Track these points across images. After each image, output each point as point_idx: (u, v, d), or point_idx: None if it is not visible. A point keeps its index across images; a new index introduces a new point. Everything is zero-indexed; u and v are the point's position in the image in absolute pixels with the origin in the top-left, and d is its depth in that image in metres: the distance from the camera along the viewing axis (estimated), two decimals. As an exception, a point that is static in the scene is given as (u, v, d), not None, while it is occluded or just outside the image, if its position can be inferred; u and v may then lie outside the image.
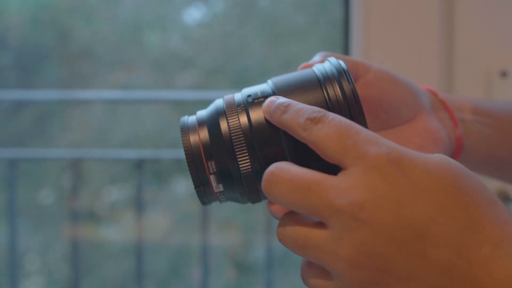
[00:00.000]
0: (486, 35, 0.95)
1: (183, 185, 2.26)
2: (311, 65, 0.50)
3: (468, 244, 0.38)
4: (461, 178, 0.39)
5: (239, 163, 0.44)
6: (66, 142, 2.21)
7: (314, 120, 0.41)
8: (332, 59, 0.47)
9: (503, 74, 0.94)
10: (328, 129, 0.40)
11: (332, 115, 0.41)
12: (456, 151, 0.58)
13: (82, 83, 2.21)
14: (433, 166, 0.39)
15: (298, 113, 0.42)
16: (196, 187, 0.46)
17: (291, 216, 0.42)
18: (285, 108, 0.43)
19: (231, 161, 0.44)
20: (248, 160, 0.44)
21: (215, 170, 0.45)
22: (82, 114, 2.22)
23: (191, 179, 0.46)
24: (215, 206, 2.05)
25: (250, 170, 0.44)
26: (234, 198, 0.47)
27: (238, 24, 2.31)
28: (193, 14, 2.38)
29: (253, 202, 0.47)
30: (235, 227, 2.16)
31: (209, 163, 0.45)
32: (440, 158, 0.40)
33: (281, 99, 0.44)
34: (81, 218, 1.86)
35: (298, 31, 2.22)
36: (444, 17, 0.95)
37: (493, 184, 0.96)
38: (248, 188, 0.45)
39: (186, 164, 0.46)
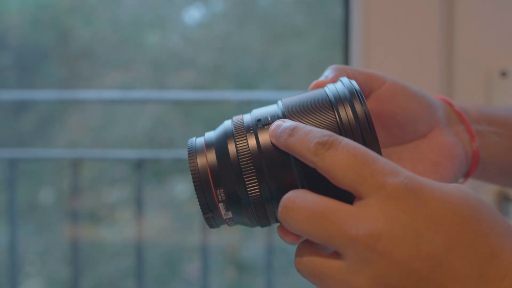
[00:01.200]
0: (486, 35, 0.95)
1: (183, 185, 2.26)
2: (322, 83, 0.48)
3: (488, 277, 0.37)
4: (479, 208, 0.38)
5: (247, 187, 0.43)
6: (66, 142, 2.21)
7: (326, 145, 0.40)
8: (345, 79, 0.45)
9: (503, 74, 0.94)
10: (342, 155, 0.39)
11: (345, 140, 0.40)
12: (473, 165, 0.56)
13: (82, 83, 2.21)
14: (451, 197, 0.38)
15: (307, 136, 0.41)
16: (204, 213, 0.44)
17: (307, 245, 0.41)
18: (292, 131, 0.41)
19: (239, 185, 0.43)
20: (257, 185, 0.43)
21: (224, 198, 0.43)
22: (81, 114, 2.22)
23: (199, 205, 0.45)
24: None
25: (259, 195, 0.43)
26: (243, 222, 0.46)
27: (238, 24, 2.31)
28: (193, 14, 2.38)
29: (262, 226, 0.46)
30: (236, 226, 2.16)
31: (217, 191, 0.43)
32: (457, 188, 0.39)
33: (287, 123, 0.42)
34: (81, 218, 1.86)
35: (298, 31, 2.22)
36: (444, 17, 0.95)
37: (493, 185, 0.96)
38: (257, 213, 0.44)
39: (194, 188, 0.44)
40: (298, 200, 0.40)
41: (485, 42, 0.95)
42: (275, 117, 0.44)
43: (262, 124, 0.44)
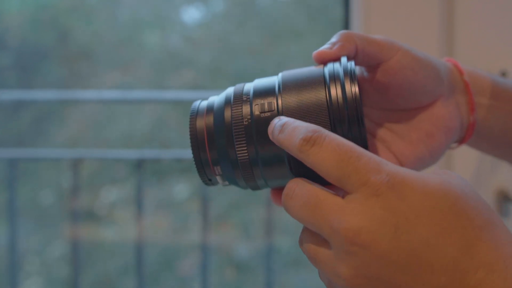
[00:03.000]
0: (486, 35, 0.95)
1: (183, 185, 2.26)
2: (324, 54, 0.49)
3: (463, 268, 0.38)
4: (461, 200, 0.40)
5: (237, 150, 0.46)
6: (66, 142, 2.21)
7: (310, 141, 0.41)
8: (344, 60, 0.47)
9: (503, 74, 0.94)
10: (326, 152, 0.41)
11: (329, 136, 0.41)
12: (466, 136, 0.56)
13: (82, 83, 2.21)
14: (432, 190, 0.40)
15: (293, 132, 0.42)
16: (197, 168, 0.49)
17: (306, 230, 0.43)
18: (281, 127, 0.43)
19: (230, 147, 0.47)
20: (246, 148, 0.46)
21: (216, 157, 0.48)
22: (81, 114, 2.22)
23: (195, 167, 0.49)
24: (215, 206, 2.05)
25: (246, 157, 0.46)
26: (233, 182, 0.49)
27: (238, 24, 2.31)
28: (193, 14, 2.38)
29: (252, 189, 0.49)
30: (234, 226, 2.16)
31: (211, 151, 0.48)
32: (440, 180, 0.40)
33: (281, 120, 0.44)
34: (81, 218, 1.86)
35: (297, 30, 2.22)
36: (444, 17, 0.95)
37: (493, 185, 0.96)
38: (244, 173, 0.47)
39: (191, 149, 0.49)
40: (297, 190, 0.42)
41: (485, 42, 0.95)
42: (271, 91, 0.47)
43: (259, 111, 0.47)
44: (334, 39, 0.50)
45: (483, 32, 0.95)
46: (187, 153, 1.94)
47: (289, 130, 0.43)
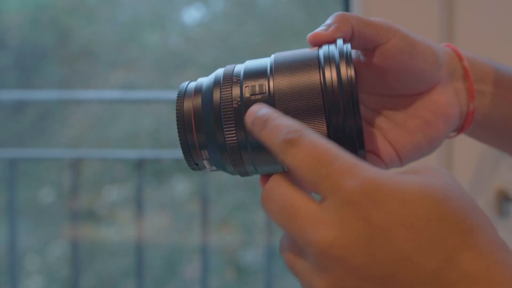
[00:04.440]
0: (486, 35, 0.95)
1: (183, 185, 2.26)
2: (319, 35, 0.47)
3: (443, 281, 0.35)
4: (442, 204, 0.36)
5: (225, 133, 0.44)
6: (67, 142, 2.21)
7: (290, 142, 0.39)
8: (340, 42, 0.45)
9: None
10: (303, 155, 0.38)
11: (308, 137, 0.38)
12: (465, 124, 0.54)
13: (82, 82, 2.21)
14: (411, 196, 0.36)
15: (275, 130, 0.40)
16: (184, 153, 0.47)
17: (287, 236, 0.41)
18: (264, 123, 0.41)
19: (218, 130, 0.45)
20: (235, 132, 0.44)
21: (203, 141, 0.46)
22: (82, 114, 2.22)
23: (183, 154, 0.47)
24: (215, 206, 2.05)
25: (235, 141, 0.44)
26: (221, 167, 0.47)
27: (238, 23, 2.31)
28: (193, 14, 2.38)
29: (241, 174, 0.47)
30: (234, 226, 2.16)
31: (198, 134, 0.46)
32: (420, 182, 0.37)
33: (262, 111, 0.41)
34: (81, 217, 1.86)
35: (297, 30, 2.22)
36: (444, 17, 0.95)
37: (493, 184, 0.96)
38: (233, 158, 0.45)
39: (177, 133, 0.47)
40: (275, 192, 0.40)
41: (485, 42, 0.95)
42: (263, 73, 0.45)
43: (249, 93, 0.45)
44: (329, 20, 0.48)
45: (483, 32, 0.95)
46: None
47: (271, 127, 0.40)
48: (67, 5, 2.22)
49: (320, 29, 0.47)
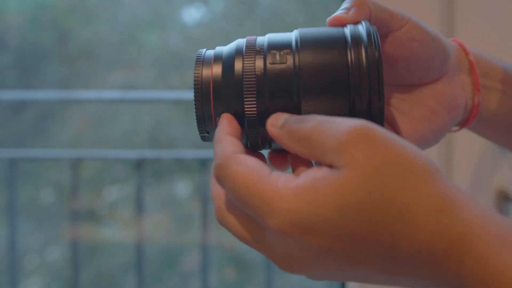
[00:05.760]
0: (486, 35, 0.95)
1: (183, 185, 2.26)
2: (341, 18, 0.46)
3: (392, 266, 0.37)
4: (364, 208, 0.36)
5: (245, 106, 0.43)
6: (66, 142, 2.21)
7: (219, 180, 0.39)
8: (366, 23, 0.44)
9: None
10: (231, 193, 0.39)
11: (228, 172, 0.39)
12: (469, 118, 0.55)
13: (82, 82, 2.22)
14: (329, 207, 0.36)
15: (213, 158, 0.41)
16: (197, 120, 0.45)
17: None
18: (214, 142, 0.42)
19: (238, 102, 0.43)
20: (255, 105, 0.43)
21: (220, 108, 0.44)
22: (82, 114, 2.23)
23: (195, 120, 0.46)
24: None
25: (255, 115, 0.43)
26: None
27: (238, 23, 2.31)
28: (193, 14, 2.38)
29: (252, 148, 0.46)
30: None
31: (216, 104, 0.44)
32: (339, 182, 0.37)
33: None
34: (81, 217, 1.86)
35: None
36: (444, 17, 0.95)
37: (493, 184, 0.96)
38: (250, 133, 0.44)
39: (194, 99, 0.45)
40: (229, 171, 0.39)
41: (485, 42, 0.95)
42: (287, 45, 0.44)
43: (271, 60, 0.44)
44: (347, 4, 0.48)
45: (483, 32, 0.95)
46: (187, 153, 1.94)
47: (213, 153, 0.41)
48: (67, 5, 2.22)
49: (340, 12, 0.47)
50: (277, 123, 0.41)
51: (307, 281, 2.11)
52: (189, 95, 0.46)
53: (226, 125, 0.43)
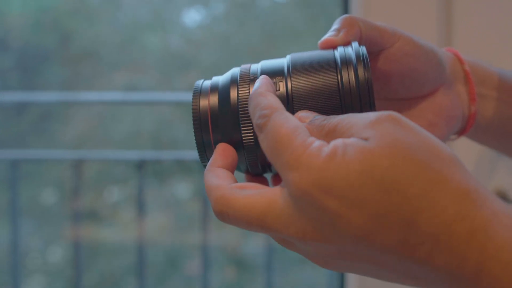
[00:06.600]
0: (485, 35, 0.95)
1: (184, 186, 2.27)
2: (331, 41, 0.47)
3: (410, 246, 0.36)
4: (388, 170, 0.36)
5: (242, 133, 0.44)
6: (68, 143, 2.22)
7: (258, 127, 0.40)
8: (355, 44, 0.45)
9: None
10: (267, 142, 0.39)
11: (271, 122, 0.39)
12: (467, 127, 0.55)
13: (84, 84, 2.22)
14: (354, 175, 0.36)
15: (253, 110, 0.41)
16: (199, 149, 0.46)
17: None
18: (249, 101, 0.42)
19: (235, 130, 0.45)
20: (252, 132, 0.44)
21: (219, 140, 0.45)
22: (84, 115, 2.23)
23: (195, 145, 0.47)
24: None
25: (252, 141, 0.44)
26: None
27: (238, 25, 2.32)
28: (193, 16, 2.39)
29: (255, 174, 0.47)
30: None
31: (215, 133, 0.45)
32: (360, 154, 0.36)
33: (255, 85, 0.43)
34: (82, 218, 1.87)
35: (297, 31, 2.23)
36: (443, 17, 0.96)
37: (491, 185, 0.96)
38: (249, 158, 0.45)
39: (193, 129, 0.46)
40: (230, 211, 0.40)
41: (485, 42, 0.96)
42: (280, 72, 0.45)
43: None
44: (337, 25, 0.48)
45: (482, 32, 0.95)
46: (188, 154, 1.95)
47: (251, 107, 0.41)
48: (69, 7, 2.23)
49: (330, 34, 0.48)
50: (306, 120, 0.42)
51: (307, 281, 2.11)
52: (191, 97, 0.47)
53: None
